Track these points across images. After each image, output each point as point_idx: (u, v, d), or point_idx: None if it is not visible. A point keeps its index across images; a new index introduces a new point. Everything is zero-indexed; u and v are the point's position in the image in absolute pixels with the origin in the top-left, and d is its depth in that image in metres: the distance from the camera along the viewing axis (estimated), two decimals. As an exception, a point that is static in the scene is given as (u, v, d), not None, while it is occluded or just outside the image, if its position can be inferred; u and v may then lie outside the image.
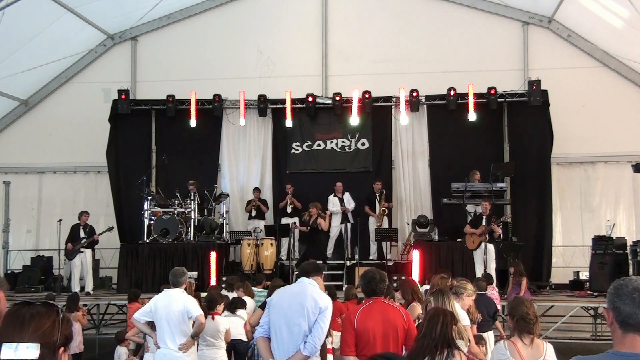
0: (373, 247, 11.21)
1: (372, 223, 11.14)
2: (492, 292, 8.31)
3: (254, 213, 11.39)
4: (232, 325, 6.05)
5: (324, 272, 10.34)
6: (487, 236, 9.43)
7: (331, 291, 6.60)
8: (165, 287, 5.59)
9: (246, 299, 7.08)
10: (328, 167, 11.84)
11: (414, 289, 5.49)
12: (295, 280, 3.97)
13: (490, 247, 9.48)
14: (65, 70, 12.83)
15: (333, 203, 11.27)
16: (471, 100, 11.25)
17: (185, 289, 5.43)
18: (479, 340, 5.15)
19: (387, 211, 11.00)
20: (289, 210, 11.30)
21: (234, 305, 6.38)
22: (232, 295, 7.29)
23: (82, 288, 10.27)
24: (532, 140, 11.49)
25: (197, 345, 5.44)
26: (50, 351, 1.51)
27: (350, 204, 11.22)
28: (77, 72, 12.93)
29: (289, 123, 11.76)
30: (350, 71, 12.22)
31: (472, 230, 9.63)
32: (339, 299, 7.05)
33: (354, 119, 11.61)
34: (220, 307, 5.91)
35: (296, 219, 11.07)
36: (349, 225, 11.01)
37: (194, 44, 12.75)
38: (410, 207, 11.82)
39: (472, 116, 11.24)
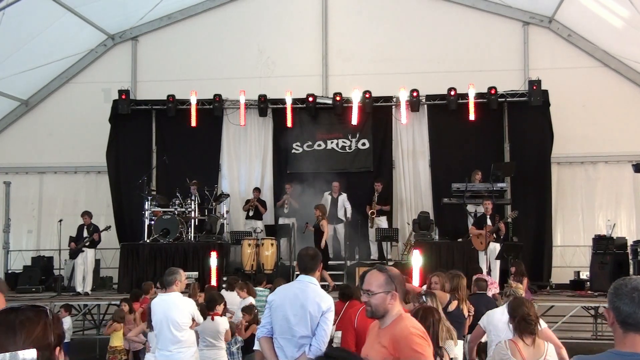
0: (373, 247, 11.17)
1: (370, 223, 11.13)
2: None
3: (251, 213, 11.34)
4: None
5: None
6: (494, 235, 9.40)
7: (348, 291, 6.47)
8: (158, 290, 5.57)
9: (249, 299, 7.08)
10: (329, 167, 11.76)
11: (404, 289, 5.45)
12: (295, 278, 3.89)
13: (494, 247, 9.45)
14: (65, 71, 12.81)
15: (325, 200, 11.19)
16: (472, 100, 11.24)
17: (184, 292, 5.45)
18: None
19: (375, 213, 10.88)
20: (285, 210, 11.30)
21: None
22: (230, 295, 7.24)
23: (83, 289, 10.30)
24: (533, 140, 11.48)
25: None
26: (46, 354, 1.48)
27: (346, 207, 11.07)
28: (78, 72, 12.92)
29: (289, 123, 11.74)
30: (350, 71, 12.23)
31: (479, 231, 9.54)
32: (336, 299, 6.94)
33: (355, 119, 11.59)
34: (220, 308, 5.85)
35: (294, 219, 11.04)
36: (341, 225, 10.97)
37: (194, 44, 12.74)
38: (410, 207, 11.81)
39: (472, 116, 11.23)
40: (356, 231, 10.88)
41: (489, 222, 9.50)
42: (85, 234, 10.19)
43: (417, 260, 9.33)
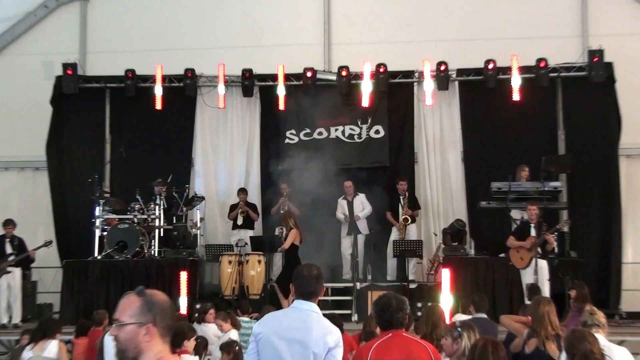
0: (392, 264, 11.07)
1: (395, 234, 11.10)
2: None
3: (240, 221, 11.29)
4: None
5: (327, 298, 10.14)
6: (539, 250, 9.27)
7: (337, 321, 6.47)
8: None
9: (230, 333, 7.17)
10: (332, 161, 11.54)
11: (436, 320, 5.62)
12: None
13: (543, 265, 9.28)
14: (-5, 39, 12.76)
15: (342, 207, 11.26)
16: (516, 76, 11.24)
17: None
18: None
19: (409, 220, 11.01)
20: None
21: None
22: (203, 328, 7.34)
23: (10, 319, 10.10)
24: (594, 126, 11.51)
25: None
26: None
27: (365, 208, 11.16)
28: (11, 41, 12.82)
29: (281, 105, 11.70)
30: (359, 39, 12.21)
31: (519, 243, 9.41)
32: (347, 331, 7.02)
33: (365, 100, 11.54)
34: (189, 344, 5.84)
35: None
36: (359, 237, 10.96)
37: (160, 5, 12.74)
38: (438, 212, 11.76)
39: (516, 96, 11.21)
40: (369, 244, 10.84)
41: (533, 232, 9.35)
42: (8, 249, 10.08)
43: (446, 281, 9.29)
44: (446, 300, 9.28)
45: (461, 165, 11.83)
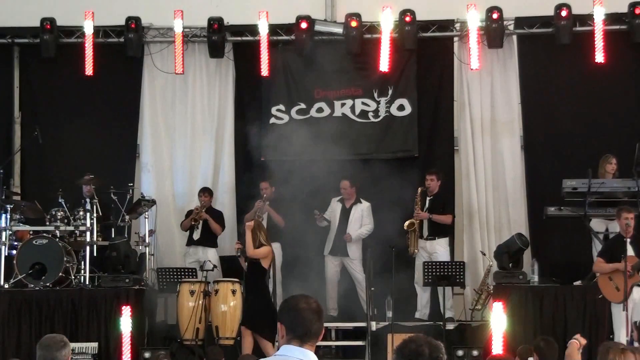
0: (422, 296, 11.15)
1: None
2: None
3: (197, 234, 11.45)
4: None
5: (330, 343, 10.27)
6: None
7: None
8: None
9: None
10: (337, 150, 11.65)
11: None
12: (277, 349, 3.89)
13: (638, 296, 9.38)
14: None
15: (332, 211, 11.42)
16: (599, 28, 11.33)
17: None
18: None
19: (415, 225, 11.01)
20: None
21: None
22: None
23: None
24: None
25: None
26: None
27: (363, 225, 11.27)
28: None
29: (264, 70, 11.79)
30: None
31: (612, 267, 9.45)
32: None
33: (385, 63, 11.64)
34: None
35: (277, 245, 11.01)
36: (356, 261, 11.05)
37: None
38: (487, 222, 11.90)
39: (600, 56, 11.30)
40: (387, 266, 10.71)
41: (630, 250, 9.42)
42: None
43: (499, 320, 9.55)
44: (499, 346, 9.44)
45: (520, 155, 11.97)
